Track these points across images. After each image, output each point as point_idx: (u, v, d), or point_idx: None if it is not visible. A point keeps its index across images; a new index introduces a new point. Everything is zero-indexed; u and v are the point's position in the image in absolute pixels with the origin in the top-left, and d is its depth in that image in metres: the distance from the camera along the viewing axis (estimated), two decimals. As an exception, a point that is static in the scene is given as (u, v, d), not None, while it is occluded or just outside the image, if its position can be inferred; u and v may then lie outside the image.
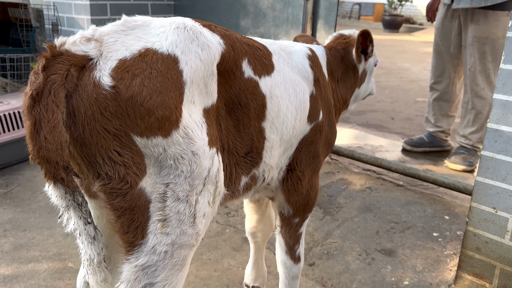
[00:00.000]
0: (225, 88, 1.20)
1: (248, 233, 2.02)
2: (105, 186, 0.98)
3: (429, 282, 2.23)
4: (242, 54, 1.26)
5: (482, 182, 1.88)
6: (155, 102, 0.97)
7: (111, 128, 0.96)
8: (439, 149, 3.91)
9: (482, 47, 3.32)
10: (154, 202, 1.02)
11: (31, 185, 3.10)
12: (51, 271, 2.22)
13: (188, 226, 1.07)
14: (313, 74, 1.57)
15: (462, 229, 2.69)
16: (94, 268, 1.05)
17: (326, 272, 2.30)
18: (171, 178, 1.02)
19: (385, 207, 2.95)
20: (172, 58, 1.04)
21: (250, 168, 1.34)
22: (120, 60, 0.98)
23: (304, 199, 1.59)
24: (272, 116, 1.35)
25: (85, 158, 0.98)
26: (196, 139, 1.05)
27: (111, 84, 0.95)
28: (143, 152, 0.99)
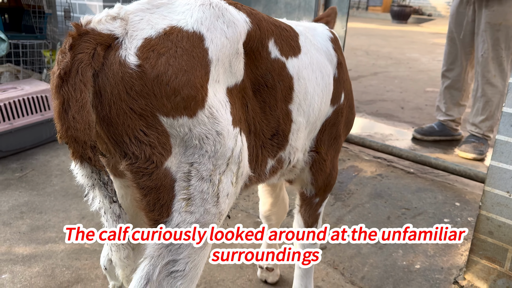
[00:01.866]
0: (251, 68, 1.19)
1: (262, 216, 2.04)
2: (131, 166, 0.99)
3: (440, 266, 2.25)
4: (269, 34, 1.25)
5: (496, 166, 1.90)
6: (180, 81, 0.97)
7: (137, 107, 0.96)
8: (449, 138, 3.91)
9: (495, 34, 3.30)
10: (179, 181, 1.03)
11: (45, 170, 3.15)
12: (68, 251, 2.27)
13: (212, 205, 1.08)
14: (336, 57, 1.58)
15: (472, 216, 2.71)
16: (118, 246, 1.07)
17: (337, 255, 2.33)
18: (196, 157, 1.03)
19: (396, 193, 2.96)
20: (197, 36, 1.03)
21: (277, 151, 1.34)
22: (145, 39, 0.98)
23: (327, 179, 1.62)
24: (300, 99, 1.34)
25: (111, 137, 0.98)
26: (221, 119, 1.05)
27: (137, 63, 0.95)
28: (169, 132, 0.99)
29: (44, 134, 3.51)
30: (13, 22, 4.76)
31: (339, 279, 2.16)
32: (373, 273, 2.20)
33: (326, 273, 2.19)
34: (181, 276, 1.07)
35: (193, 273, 1.09)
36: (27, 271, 2.11)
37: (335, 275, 2.18)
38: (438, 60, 8.12)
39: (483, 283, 2.06)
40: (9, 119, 3.24)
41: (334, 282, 2.14)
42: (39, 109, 3.44)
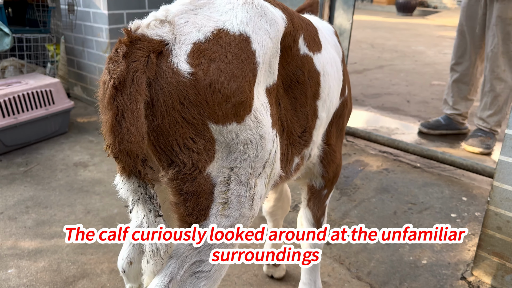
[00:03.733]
0: (283, 65, 1.17)
1: (267, 212, 2.03)
2: (178, 173, 0.97)
3: (447, 262, 2.24)
4: (300, 30, 1.23)
5: (506, 161, 1.87)
6: (232, 87, 0.95)
7: (189, 117, 0.93)
8: (455, 132, 3.88)
9: (506, 28, 3.24)
10: (218, 186, 1.01)
11: (50, 164, 3.15)
12: (73, 246, 2.27)
13: (247, 208, 1.07)
14: (341, 51, 1.59)
15: (480, 210, 2.68)
16: (158, 259, 1.03)
17: (343, 250, 2.32)
18: (237, 162, 1.01)
19: (402, 188, 2.94)
20: (244, 38, 1.00)
21: (302, 148, 1.33)
22: (194, 43, 0.95)
23: (336, 170, 1.63)
24: (325, 94, 1.34)
25: (159, 147, 0.96)
26: (264, 122, 1.04)
27: (190, 71, 0.92)
28: (216, 139, 0.97)
29: (48, 128, 3.50)
30: (16, 16, 4.74)
31: (345, 275, 2.15)
32: (379, 269, 2.19)
33: (332, 268, 2.18)
34: (205, 277, 1.06)
35: (217, 275, 1.08)
36: (33, 265, 2.12)
37: (341, 271, 2.17)
38: (444, 53, 8.04)
39: (491, 278, 2.04)
40: (14, 113, 3.23)
41: (340, 277, 2.13)
42: (44, 103, 3.43)
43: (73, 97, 4.57)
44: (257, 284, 2.05)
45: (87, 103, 4.45)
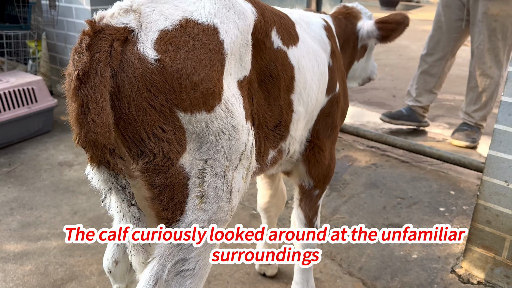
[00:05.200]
0: (256, 59, 1.18)
1: (261, 208, 2.02)
2: (148, 164, 0.96)
3: (437, 256, 2.26)
4: (271, 23, 1.23)
5: (495, 155, 1.89)
6: (200, 75, 0.95)
7: (157, 104, 0.93)
8: (416, 124, 3.87)
9: (492, 24, 3.26)
10: (193, 178, 1.01)
11: (34, 164, 3.08)
12: (60, 248, 2.22)
13: (225, 202, 1.06)
14: (330, 45, 1.56)
15: (468, 204, 2.72)
16: (138, 249, 1.04)
17: (334, 246, 2.32)
18: (211, 154, 1.01)
19: (391, 183, 2.96)
20: (212, 29, 1.00)
21: (278, 141, 1.33)
22: (161, 31, 0.95)
23: (325, 170, 1.60)
24: (300, 88, 1.33)
25: (128, 136, 0.95)
26: (236, 113, 1.03)
27: (156, 58, 0.92)
28: (185, 128, 0.97)
29: (31, 127, 3.42)
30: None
31: (337, 271, 2.15)
32: (370, 264, 2.20)
33: (324, 264, 2.18)
34: (190, 275, 1.05)
35: (202, 272, 1.07)
36: (19, 269, 2.06)
37: (333, 267, 2.17)
38: (428, 47, 8.11)
39: (481, 271, 2.06)
40: (-5, 112, 3.14)
41: (332, 273, 2.13)
42: (26, 101, 3.35)
43: (56, 94, 4.47)
44: (249, 282, 2.04)
45: (70, 101, 4.36)
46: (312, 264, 1.79)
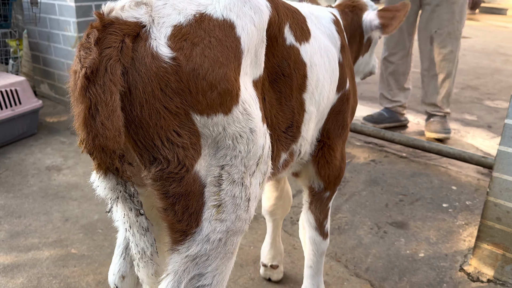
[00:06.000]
0: (268, 57, 1.11)
1: (267, 211, 1.94)
2: (162, 171, 0.88)
3: (445, 253, 2.21)
4: (285, 19, 1.16)
5: (505, 151, 1.84)
6: (217, 75, 0.87)
7: (172, 106, 0.85)
8: (398, 124, 3.82)
9: (451, 7, 3.20)
10: (209, 186, 0.93)
11: (20, 169, 2.93)
12: (53, 258, 2.10)
13: (243, 210, 0.99)
14: (340, 40, 1.49)
15: (470, 199, 2.68)
16: (147, 261, 0.96)
17: (339, 247, 2.25)
18: (228, 159, 0.93)
19: (391, 179, 2.91)
20: (228, 24, 0.93)
21: (290, 143, 1.26)
22: (175, 26, 0.87)
23: (336, 171, 1.53)
24: (312, 87, 1.26)
25: (139, 141, 0.87)
26: (254, 115, 0.96)
27: (171, 55, 0.83)
28: (201, 132, 0.89)
29: (16, 130, 3.27)
30: (-27, 9, 4.41)
31: (344, 272, 2.09)
32: (377, 264, 2.14)
33: (330, 266, 2.12)
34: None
35: (220, 287, 1.00)
36: (10, 282, 1.94)
37: (339, 268, 2.11)
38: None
39: (490, 269, 2.02)
40: (-23, 116, 2.99)
41: (339, 275, 2.06)
42: (10, 104, 3.19)
43: (40, 95, 4.30)
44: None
45: (55, 102, 4.20)
46: (322, 268, 1.72)
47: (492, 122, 3.97)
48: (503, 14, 12.91)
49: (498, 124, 3.91)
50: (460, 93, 4.82)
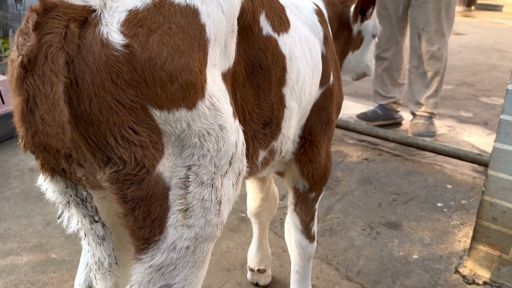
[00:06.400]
0: (244, 48, 1.03)
1: (252, 213, 1.86)
2: (117, 173, 0.80)
3: (439, 255, 2.14)
4: (260, 7, 1.08)
5: (501, 148, 1.76)
6: (178, 65, 0.79)
7: (125, 99, 0.76)
8: (392, 122, 3.74)
9: (438, 4, 3.12)
10: (174, 189, 0.85)
11: (2, 171, 2.84)
12: (32, 264, 2.02)
13: (214, 214, 0.91)
14: (323, 31, 1.41)
15: (465, 198, 2.61)
16: (105, 272, 0.88)
17: (330, 249, 2.17)
18: (195, 159, 0.85)
19: (384, 178, 2.83)
20: (191, 10, 0.85)
21: (269, 140, 1.18)
22: (130, 11, 0.78)
23: (321, 171, 1.45)
24: (292, 81, 1.18)
25: (90, 140, 0.79)
26: (223, 110, 0.88)
27: (123, 43, 0.75)
28: (162, 129, 0.81)
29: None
30: (-43, 7, 4.31)
31: (334, 275, 2.01)
32: (369, 267, 2.06)
33: (320, 269, 2.04)
34: None
35: None
36: (-15, 290, 1.86)
37: (330, 271, 2.03)
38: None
39: (486, 271, 1.95)
40: (-42, 116, 2.90)
41: (330, 279, 1.98)
42: (-8, 103, 3.10)
43: (27, 95, 4.21)
44: (241, 294, 1.88)
45: (42, 101, 4.11)
46: (309, 273, 1.64)
47: (488, 118, 3.90)
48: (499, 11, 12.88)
49: (494, 120, 3.84)
50: (455, 90, 4.75)
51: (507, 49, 7.04)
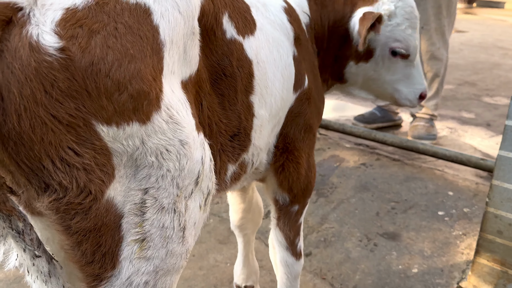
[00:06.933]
0: (206, 53, 0.92)
1: (235, 226, 1.73)
2: (57, 202, 0.67)
3: (440, 268, 2.01)
4: (222, 7, 0.98)
5: (506, 156, 1.63)
6: (127, 71, 0.67)
7: (63, 114, 0.64)
8: (391, 124, 3.59)
9: (438, 1, 2.98)
10: (128, 217, 0.74)
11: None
12: (8, 280, 1.90)
13: (177, 243, 0.79)
14: (293, 31, 1.27)
15: (468, 206, 2.47)
16: None
17: (324, 262, 2.05)
18: (152, 181, 0.74)
19: (383, 185, 2.70)
20: (142, 9, 0.73)
21: (239, 153, 1.08)
22: (67, 9, 0.66)
23: (303, 182, 1.33)
24: (261, 87, 1.08)
25: (23, 163, 0.66)
26: (184, 123, 0.76)
27: (58, 46, 0.63)
28: (110, 148, 0.69)
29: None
30: None
31: (329, 292, 1.88)
32: (366, 282, 1.93)
33: (313, 285, 1.91)
34: None
35: None
36: (-46, 311, 1.74)
37: (324, 287, 1.90)
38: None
39: (490, 287, 1.81)
40: None
41: (323, 296, 1.86)
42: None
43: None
44: (228, 314, 1.76)
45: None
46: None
47: (491, 119, 3.77)
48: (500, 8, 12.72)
49: (497, 122, 3.70)
50: (457, 90, 4.62)
51: (510, 46, 6.90)
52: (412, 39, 1.45)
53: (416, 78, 1.53)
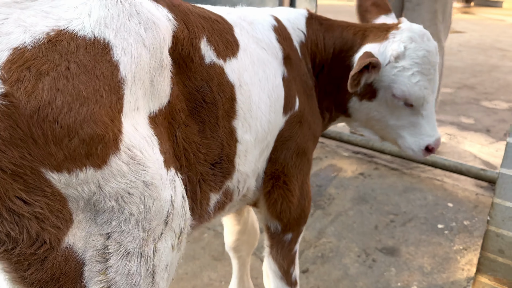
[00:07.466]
0: (183, 81, 0.88)
1: (230, 247, 1.68)
2: (8, 254, 0.63)
3: (440, 286, 1.95)
4: (199, 32, 0.93)
5: (508, 174, 1.58)
6: (78, 115, 0.63)
7: (5, 163, 0.60)
8: None
9: (433, 6, 2.94)
10: (90, 264, 0.69)
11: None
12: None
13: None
14: (282, 50, 1.21)
15: (468, 218, 2.42)
16: None
17: (322, 279, 1.99)
18: (114, 225, 0.69)
19: (381, 196, 2.65)
20: (100, 45, 0.69)
21: (222, 181, 1.02)
22: (15, 49, 0.62)
23: (295, 210, 1.26)
24: (244, 111, 1.03)
25: None
26: (148, 163, 0.72)
27: (0, 91, 0.59)
28: (64, 194, 0.64)
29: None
30: None
31: (326, 311, 1.83)
32: (364, 300, 1.88)
33: (310, 304, 1.86)
34: None
35: None
36: None
37: (321, 306, 1.85)
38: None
39: (493, 307, 1.76)
40: None
41: (321, 316, 1.80)
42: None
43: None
44: (222, 337, 1.70)
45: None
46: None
47: (490, 125, 3.71)
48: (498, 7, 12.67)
49: (497, 127, 3.65)
50: (455, 93, 4.56)
51: (508, 47, 6.85)
52: (417, 88, 1.27)
53: (424, 128, 1.35)
